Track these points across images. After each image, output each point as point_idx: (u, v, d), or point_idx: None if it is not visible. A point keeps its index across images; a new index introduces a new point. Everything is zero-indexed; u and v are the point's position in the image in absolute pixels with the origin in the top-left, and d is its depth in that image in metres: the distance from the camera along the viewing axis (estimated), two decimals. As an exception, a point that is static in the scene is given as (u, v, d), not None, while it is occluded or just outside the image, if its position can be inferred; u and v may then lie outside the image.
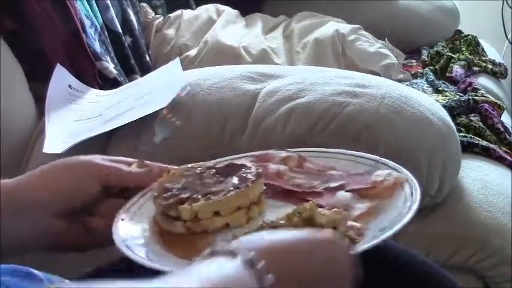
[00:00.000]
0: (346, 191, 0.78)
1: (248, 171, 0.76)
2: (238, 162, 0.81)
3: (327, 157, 0.85)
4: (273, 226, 0.68)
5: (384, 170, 0.79)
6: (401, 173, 0.77)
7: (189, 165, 0.77)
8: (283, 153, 0.86)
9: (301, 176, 0.82)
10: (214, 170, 0.77)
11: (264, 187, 0.76)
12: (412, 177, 0.75)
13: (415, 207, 0.69)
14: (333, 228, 0.66)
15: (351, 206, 0.74)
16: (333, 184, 0.80)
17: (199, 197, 0.71)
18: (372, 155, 0.83)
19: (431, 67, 1.81)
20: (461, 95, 1.60)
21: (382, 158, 0.81)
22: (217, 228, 0.71)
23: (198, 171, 0.77)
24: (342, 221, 0.68)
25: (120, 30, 1.67)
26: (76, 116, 1.21)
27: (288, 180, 0.81)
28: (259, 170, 0.77)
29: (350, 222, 0.69)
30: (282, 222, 0.68)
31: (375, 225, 0.69)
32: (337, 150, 0.86)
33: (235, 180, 0.74)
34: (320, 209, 0.69)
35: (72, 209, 0.75)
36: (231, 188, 0.72)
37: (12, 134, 1.20)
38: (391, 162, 0.80)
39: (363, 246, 0.64)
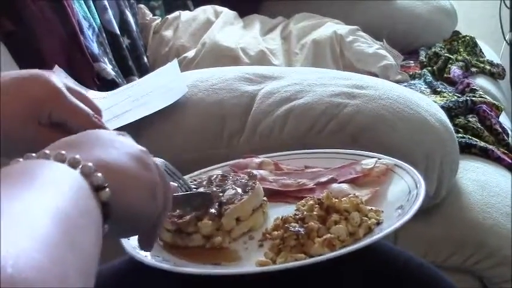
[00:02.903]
0: (339, 183, 0.79)
1: (238, 177, 0.77)
2: (216, 172, 0.82)
3: (301, 158, 0.87)
4: (301, 219, 0.69)
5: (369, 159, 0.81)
6: (386, 159, 0.79)
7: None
8: (257, 159, 0.86)
9: (284, 177, 0.82)
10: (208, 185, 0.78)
11: None
12: (400, 162, 0.78)
13: (423, 183, 0.71)
14: (356, 211, 0.67)
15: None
16: (323, 179, 0.80)
17: (214, 211, 0.72)
18: (349, 150, 0.85)
19: (429, 68, 1.81)
20: (459, 95, 1.60)
21: (359, 151, 0.83)
22: (241, 234, 0.73)
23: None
24: (361, 204, 0.69)
25: (118, 32, 1.66)
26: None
27: (275, 182, 0.81)
28: (253, 172, 0.78)
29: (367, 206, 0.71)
30: (305, 213, 0.69)
31: (387, 207, 0.71)
32: (311, 150, 0.88)
33: (233, 187, 0.75)
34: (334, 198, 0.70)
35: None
36: (240, 194, 0.74)
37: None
38: (369, 152, 0.82)
39: (400, 221, 0.65)
